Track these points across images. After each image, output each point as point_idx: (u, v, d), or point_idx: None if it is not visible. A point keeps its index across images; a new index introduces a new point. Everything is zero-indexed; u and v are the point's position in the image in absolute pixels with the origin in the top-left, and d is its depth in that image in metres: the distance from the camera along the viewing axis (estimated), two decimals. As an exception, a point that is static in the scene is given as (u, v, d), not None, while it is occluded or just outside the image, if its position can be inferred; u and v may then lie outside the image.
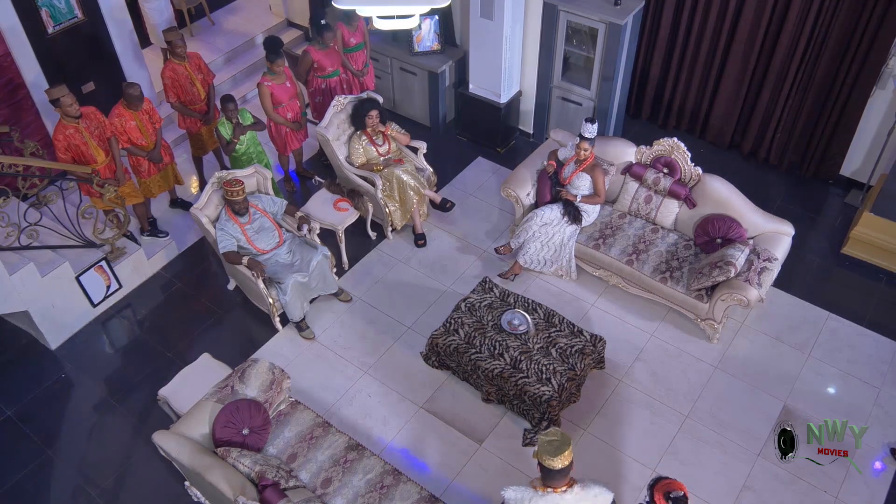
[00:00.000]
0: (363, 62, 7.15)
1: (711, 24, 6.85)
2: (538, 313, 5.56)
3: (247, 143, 6.44)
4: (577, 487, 3.52)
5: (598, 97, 6.98)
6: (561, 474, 3.45)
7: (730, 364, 5.69)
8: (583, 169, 5.97)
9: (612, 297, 6.16)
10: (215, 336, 6.04)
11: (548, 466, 3.42)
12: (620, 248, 5.98)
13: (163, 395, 5.18)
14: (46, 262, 5.72)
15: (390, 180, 6.51)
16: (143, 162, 6.23)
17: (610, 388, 5.53)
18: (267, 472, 4.25)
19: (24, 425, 5.49)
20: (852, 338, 5.84)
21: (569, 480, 3.52)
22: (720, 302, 5.53)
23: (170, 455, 4.44)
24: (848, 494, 4.94)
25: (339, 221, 6.38)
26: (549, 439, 3.43)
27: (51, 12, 6.54)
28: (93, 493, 5.10)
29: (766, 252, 5.61)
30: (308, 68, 6.88)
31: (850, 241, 6.42)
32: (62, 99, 5.52)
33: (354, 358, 5.82)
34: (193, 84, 6.54)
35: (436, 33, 7.46)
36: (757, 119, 7.16)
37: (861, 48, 6.23)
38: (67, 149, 5.71)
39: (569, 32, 6.79)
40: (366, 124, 6.43)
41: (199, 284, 6.49)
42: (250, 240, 5.73)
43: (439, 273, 6.44)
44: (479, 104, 7.51)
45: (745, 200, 5.88)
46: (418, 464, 5.14)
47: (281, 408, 4.96)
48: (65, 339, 6.03)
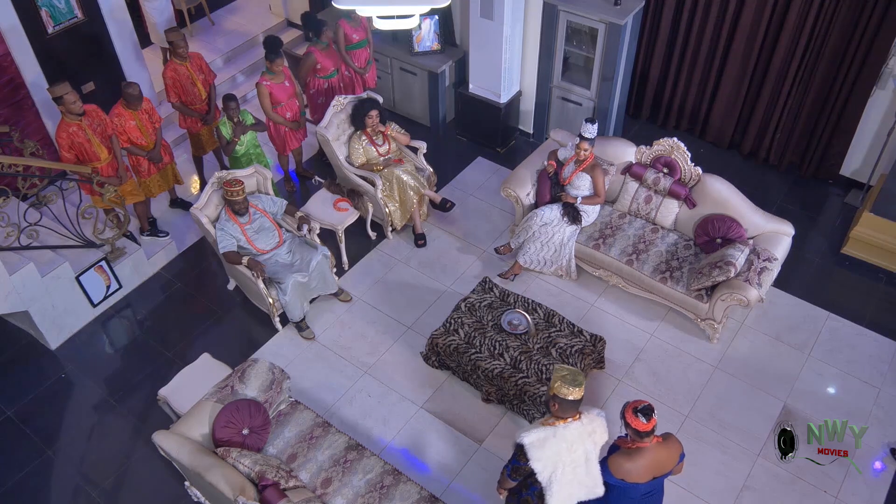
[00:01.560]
0: (366, 59, 7.15)
1: (711, 24, 6.85)
2: (538, 313, 5.56)
3: (246, 143, 6.44)
4: (584, 415, 3.76)
5: (597, 97, 6.98)
6: (575, 405, 3.67)
7: (730, 364, 5.69)
8: (583, 169, 5.97)
9: (612, 297, 6.16)
10: (215, 336, 6.04)
11: (565, 397, 3.62)
12: (620, 248, 5.98)
13: (163, 395, 5.18)
14: (46, 262, 5.72)
15: (390, 180, 6.51)
16: (143, 161, 6.23)
17: (610, 388, 5.54)
18: (267, 472, 4.25)
19: (24, 425, 5.49)
20: (852, 338, 5.84)
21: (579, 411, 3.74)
22: (720, 302, 5.53)
23: (170, 455, 4.44)
24: (848, 494, 4.94)
25: (339, 221, 6.38)
26: (563, 374, 3.64)
27: (51, 12, 6.54)
28: (93, 493, 5.10)
29: (766, 252, 5.61)
30: (311, 68, 6.88)
31: (850, 241, 6.42)
32: (65, 97, 5.53)
33: (354, 358, 5.82)
34: (194, 84, 6.54)
35: (436, 33, 7.46)
36: (757, 119, 7.16)
37: (861, 48, 6.23)
38: (71, 147, 5.72)
39: (569, 32, 6.79)
40: (366, 124, 6.43)
41: (199, 284, 6.49)
42: (250, 240, 5.73)
43: (439, 273, 6.44)
44: (479, 104, 7.51)
45: (744, 200, 5.88)
46: (418, 464, 5.14)
47: (281, 408, 4.96)
48: (65, 339, 6.04)
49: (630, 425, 3.71)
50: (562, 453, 3.67)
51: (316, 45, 6.84)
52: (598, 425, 3.79)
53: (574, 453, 3.71)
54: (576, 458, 3.72)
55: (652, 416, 3.67)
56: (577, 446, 3.71)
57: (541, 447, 3.66)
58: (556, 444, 3.66)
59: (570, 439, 3.68)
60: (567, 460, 3.70)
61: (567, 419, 3.69)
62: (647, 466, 3.79)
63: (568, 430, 3.67)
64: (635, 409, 3.69)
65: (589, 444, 3.75)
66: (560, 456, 3.67)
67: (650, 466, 3.80)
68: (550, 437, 3.66)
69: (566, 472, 3.71)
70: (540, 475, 3.69)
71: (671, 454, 3.86)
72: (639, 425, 3.67)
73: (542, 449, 3.66)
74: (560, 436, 3.66)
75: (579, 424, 3.71)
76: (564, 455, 3.68)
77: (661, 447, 3.80)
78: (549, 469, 3.68)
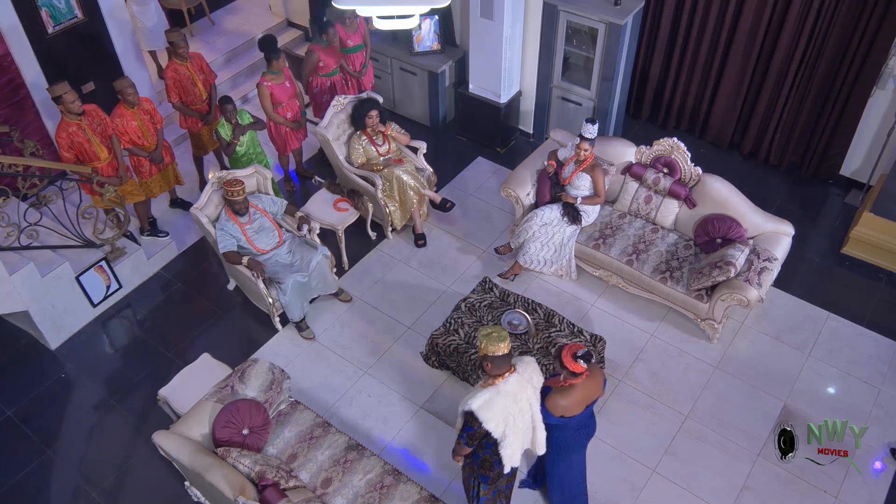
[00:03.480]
0: (361, 63, 7.15)
1: (711, 24, 6.85)
2: (538, 313, 5.56)
3: (247, 143, 6.44)
4: (517, 363, 3.97)
5: (598, 97, 6.98)
6: (507, 360, 3.86)
7: (730, 364, 5.69)
8: (583, 169, 5.97)
9: (612, 297, 6.16)
10: (215, 336, 6.05)
11: (494, 354, 3.81)
12: (620, 248, 5.98)
13: (163, 395, 5.18)
14: (46, 262, 5.72)
15: (390, 180, 6.51)
16: (144, 162, 6.23)
17: (610, 388, 5.53)
18: (267, 472, 4.25)
19: (24, 425, 5.49)
20: (852, 338, 5.85)
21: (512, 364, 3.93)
22: (720, 302, 5.53)
23: (170, 455, 4.44)
24: (848, 494, 4.94)
25: (339, 221, 6.38)
26: (487, 332, 3.83)
27: (51, 12, 6.54)
28: (93, 493, 5.10)
29: (766, 252, 5.61)
30: (314, 67, 6.88)
31: (850, 241, 6.42)
32: (64, 96, 5.53)
33: (354, 358, 5.82)
34: (195, 84, 6.54)
35: (436, 33, 7.46)
36: (757, 119, 7.16)
37: (861, 48, 6.23)
38: (71, 147, 5.72)
39: (569, 32, 6.79)
40: (366, 124, 6.43)
41: (199, 284, 6.49)
42: (250, 240, 5.73)
43: (439, 273, 6.44)
44: (479, 104, 7.51)
45: (745, 200, 5.88)
46: (418, 464, 5.14)
47: (281, 408, 4.96)
48: (65, 339, 6.04)
49: (567, 368, 3.96)
50: (508, 407, 3.86)
51: (318, 44, 6.85)
52: (532, 370, 4.00)
53: (520, 403, 3.91)
54: (522, 407, 3.93)
55: (589, 361, 3.97)
56: (521, 395, 3.91)
57: (489, 408, 3.81)
58: (502, 401, 3.84)
59: (513, 392, 3.87)
60: (515, 411, 3.89)
61: (504, 374, 3.87)
62: (580, 399, 4.11)
63: (507, 384, 3.86)
64: (574, 354, 3.94)
65: (530, 391, 3.97)
66: (508, 410, 3.85)
67: (582, 399, 4.12)
68: (495, 396, 3.83)
69: (517, 422, 3.91)
70: (495, 433, 3.85)
71: (597, 382, 4.19)
72: (577, 368, 3.94)
73: (491, 409, 3.81)
74: (503, 392, 3.84)
75: (517, 376, 3.90)
76: (511, 407, 3.87)
77: (589, 379, 4.11)
78: (502, 425, 3.85)
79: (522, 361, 4.00)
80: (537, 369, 4.03)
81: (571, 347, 3.97)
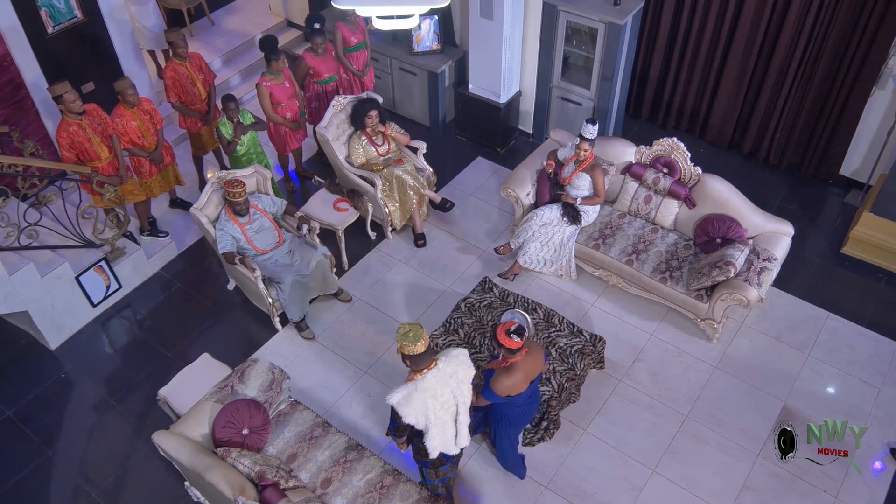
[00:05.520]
0: (364, 62, 7.15)
1: (711, 24, 6.85)
2: (538, 313, 5.56)
3: (247, 143, 6.44)
4: (441, 358, 4.02)
5: (597, 97, 6.98)
6: (426, 356, 3.93)
7: (730, 364, 5.69)
8: (582, 169, 5.97)
9: (611, 297, 6.16)
10: (215, 336, 6.05)
11: (413, 353, 3.89)
12: (620, 248, 5.98)
13: (163, 395, 5.18)
14: (46, 262, 5.72)
15: (390, 180, 6.51)
16: (144, 162, 6.23)
17: (610, 388, 5.54)
18: (267, 472, 4.25)
19: (24, 425, 5.49)
20: (852, 338, 5.85)
21: (434, 359, 3.99)
22: (720, 302, 5.53)
23: (170, 455, 4.44)
24: (848, 494, 4.94)
25: (338, 221, 6.38)
26: (404, 332, 3.89)
27: (50, 12, 6.53)
28: (93, 493, 5.10)
29: (766, 252, 5.61)
30: (304, 74, 6.88)
31: (850, 241, 6.42)
32: (65, 95, 5.53)
33: (354, 358, 5.82)
34: (194, 84, 6.54)
35: (435, 33, 7.46)
36: (757, 119, 7.16)
37: (861, 48, 6.23)
38: (71, 146, 5.72)
39: (568, 32, 6.79)
40: (365, 124, 6.43)
41: (199, 284, 6.49)
42: (250, 240, 5.73)
43: (439, 273, 6.44)
44: (479, 104, 7.51)
45: (744, 200, 5.88)
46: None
47: (281, 408, 4.96)
48: (65, 339, 6.04)
49: (503, 345, 4.09)
50: (427, 402, 3.94)
51: (309, 50, 6.82)
52: (458, 364, 4.04)
53: (441, 397, 3.99)
54: (444, 401, 4.01)
55: (523, 336, 4.08)
56: (442, 390, 3.98)
57: (407, 403, 3.91)
58: (420, 396, 3.92)
59: (432, 387, 3.95)
60: (436, 405, 3.97)
61: (422, 371, 3.95)
62: (523, 376, 4.23)
63: (426, 380, 3.94)
64: (507, 330, 4.06)
65: (454, 385, 4.02)
66: (427, 404, 3.94)
67: (525, 376, 4.24)
68: (413, 392, 3.92)
69: (439, 414, 4.00)
70: (417, 425, 3.97)
71: (537, 358, 4.32)
72: (512, 344, 4.06)
73: (409, 404, 3.91)
74: (421, 388, 3.92)
75: (436, 371, 3.96)
76: (431, 402, 3.95)
77: (529, 356, 4.24)
78: (422, 419, 3.96)
79: (448, 355, 4.04)
80: (465, 362, 4.08)
81: (504, 325, 4.08)
